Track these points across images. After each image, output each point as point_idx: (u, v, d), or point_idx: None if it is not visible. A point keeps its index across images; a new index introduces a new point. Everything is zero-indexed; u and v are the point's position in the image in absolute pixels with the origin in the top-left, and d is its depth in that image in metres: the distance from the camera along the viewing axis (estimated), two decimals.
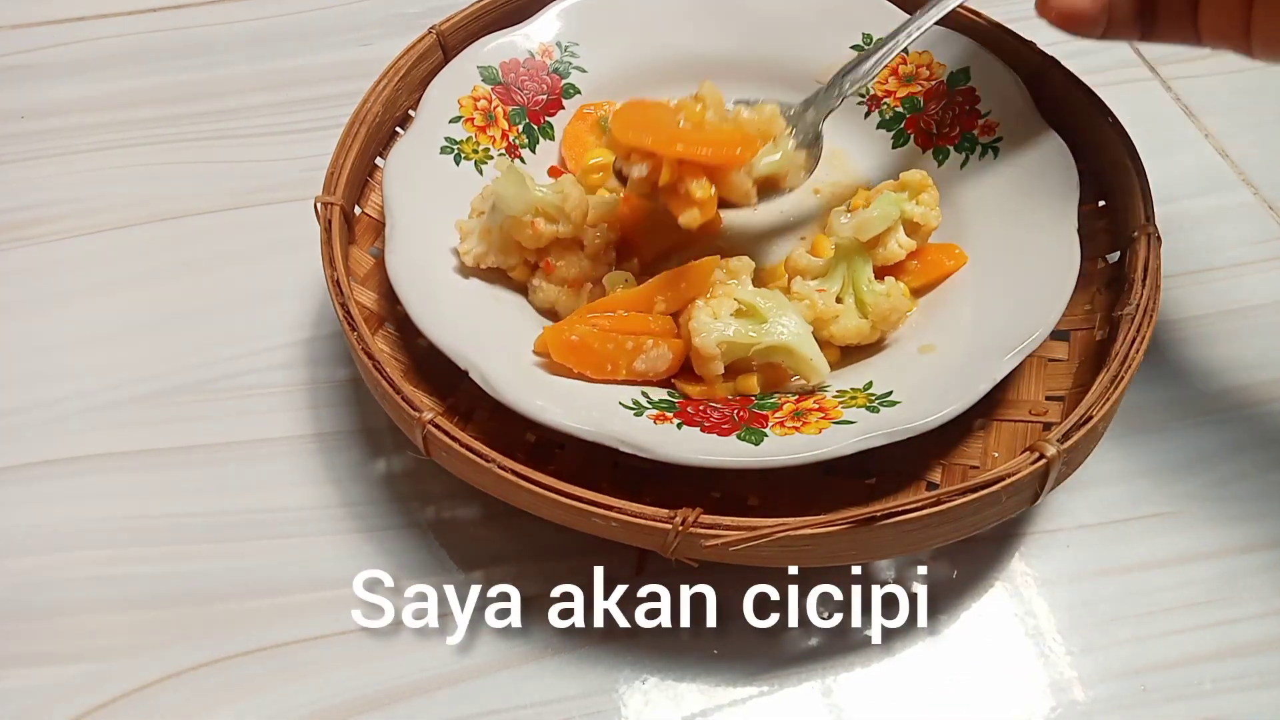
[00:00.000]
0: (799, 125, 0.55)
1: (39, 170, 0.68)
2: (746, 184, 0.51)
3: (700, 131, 0.50)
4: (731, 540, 0.41)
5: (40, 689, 0.46)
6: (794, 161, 0.54)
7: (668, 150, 0.49)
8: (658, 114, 0.51)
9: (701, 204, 0.49)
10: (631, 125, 0.51)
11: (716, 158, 0.49)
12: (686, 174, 0.49)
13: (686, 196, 0.49)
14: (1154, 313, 0.48)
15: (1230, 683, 0.45)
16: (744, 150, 0.50)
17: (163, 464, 0.54)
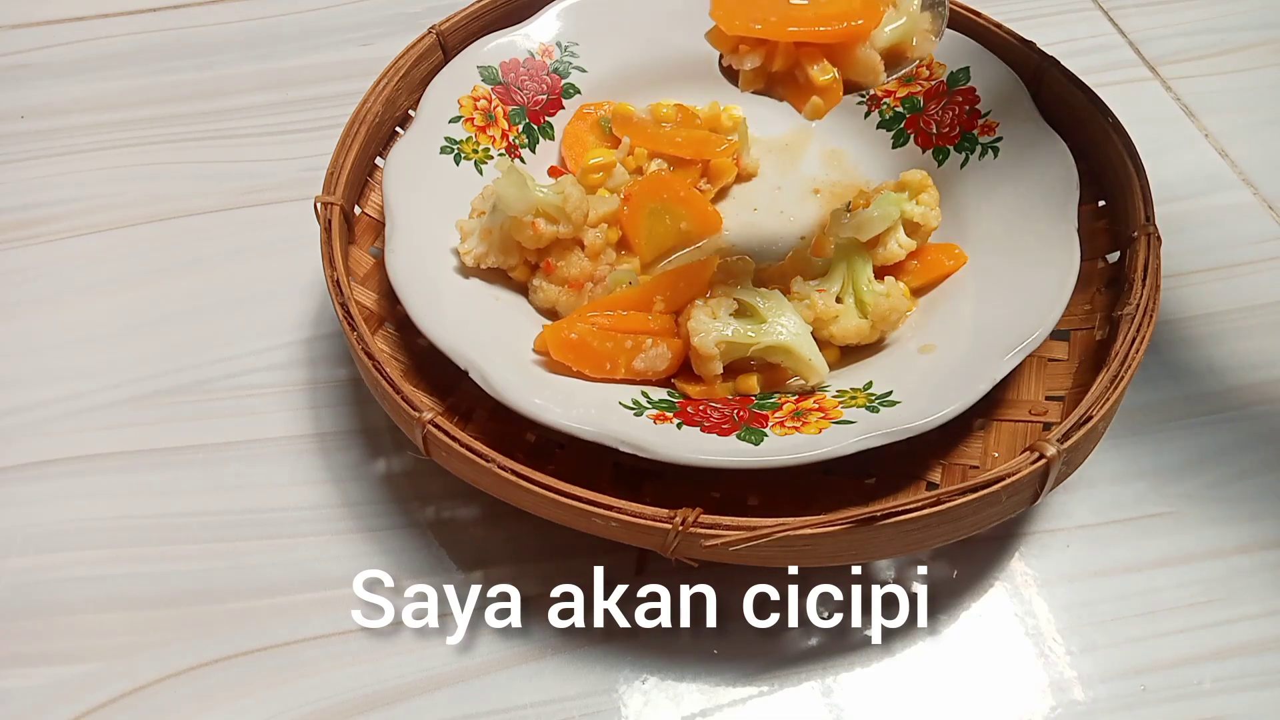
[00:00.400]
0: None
1: (39, 170, 0.68)
2: (872, 59, 0.46)
3: (815, 7, 0.45)
4: (731, 540, 0.41)
5: (40, 689, 0.46)
6: (919, 25, 0.48)
7: (780, 34, 0.44)
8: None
9: (824, 90, 0.45)
10: (736, 11, 0.46)
11: (837, 34, 0.44)
12: (804, 58, 0.45)
13: (806, 84, 0.45)
14: (1154, 313, 0.48)
15: (1230, 683, 0.45)
16: (867, 19, 0.45)
17: (163, 464, 0.54)
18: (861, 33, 0.45)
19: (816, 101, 0.45)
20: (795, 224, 0.60)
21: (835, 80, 0.45)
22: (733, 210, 0.60)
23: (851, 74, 0.46)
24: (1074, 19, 0.78)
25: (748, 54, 0.46)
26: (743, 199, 0.61)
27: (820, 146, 0.63)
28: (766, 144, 0.63)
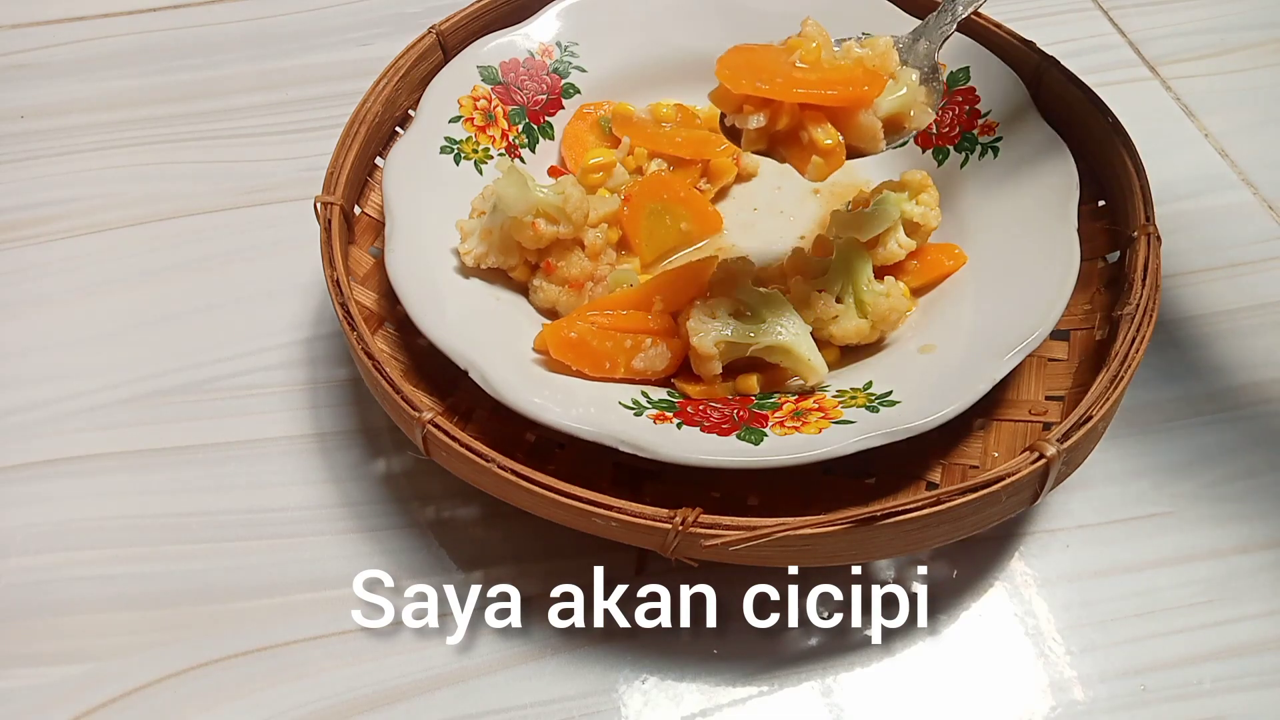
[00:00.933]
0: (911, 58, 0.51)
1: (39, 170, 0.68)
2: (874, 126, 0.46)
3: (819, 71, 0.46)
4: (731, 540, 0.41)
5: (40, 689, 0.46)
6: (917, 97, 0.49)
7: (786, 94, 0.45)
8: (768, 56, 0.47)
9: (828, 152, 0.45)
10: (742, 71, 0.46)
11: (842, 98, 0.45)
12: (809, 120, 0.45)
13: (810, 145, 0.45)
14: (1154, 313, 0.48)
15: (1230, 683, 0.45)
16: (871, 87, 0.46)
17: (163, 464, 0.54)
18: (866, 98, 0.46)
19: (819, 163, 0.45)
20: (795, 224, 0.60)
21: (838, 144, 0.45)
22: (733, 210, 0.60)
23: (853, 139, 0.46)
24: (1074, 19, 0.78)
25: (752, 113, 0.46)
26: (743, 199, 0.61)
27: None
28: None
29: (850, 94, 0.45)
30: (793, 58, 0.46)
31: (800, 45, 0.47)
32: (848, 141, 0.46)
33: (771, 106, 0.45)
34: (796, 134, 0.46)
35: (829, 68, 0.46)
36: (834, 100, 0.45)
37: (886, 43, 0.48)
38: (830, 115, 0.46)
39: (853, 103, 0.46)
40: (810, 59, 0.46)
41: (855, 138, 0.46)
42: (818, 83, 0.45)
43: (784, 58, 0.46)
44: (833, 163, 0.46)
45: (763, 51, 0.47)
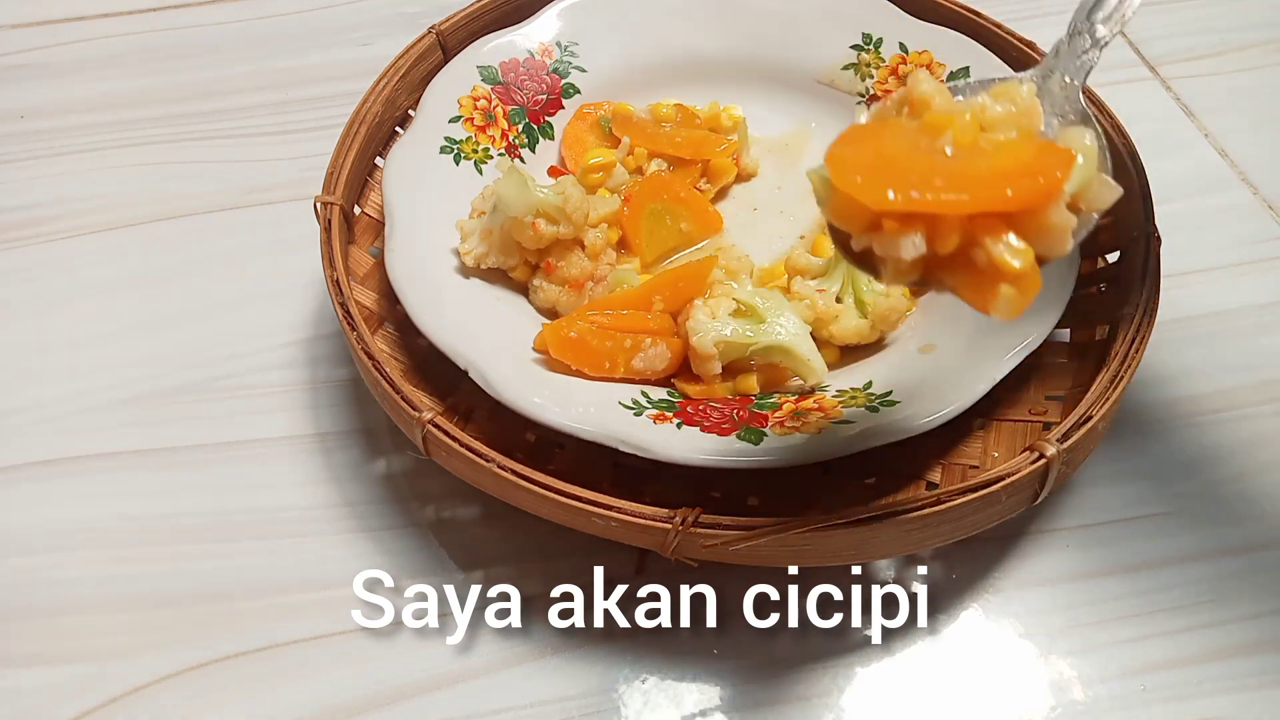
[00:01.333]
0: (1048, 103, 0.41)
1: (39, 170, 0.68)
2: (1066, 223, 0.33)
3: (984, 159, 0.33)
4: (731, 540, 0.41)
5: (40, 689, 0.46)
6: (1094, 165, 0.36)
7: (958, 205, 0.32)
8: (905, 144, 0.34)
9: (1020, 277, 0.32)
10: (879, 173, 0.33)
11: (1029, 195, 0.32)
12: (982, 233, 0.32)
13: (991, 268, 0.32)
14: (1154, 313, 0.48)
15: (1230, 683, 0.45)
16: (1062, 170, 0.33)
17: (163, 464, 0.54)
18: (1056, 188, 0.33)
19: (1011, 295, 0.32)
20: (795, 224, 0.60)
21: (1031, 263, 0.32)
22: (733, 210, 0.60)
23: (1040, 246, 0.33)
24: None
25: (902, 234, 0.32)
26: (743, 199, 0.61)
27: (820, 146, 0.63)
28: (766, 144, 0.63)
29: (1038, 187, 0.32)
30: (941, 142, 0.34)
31: (942, 121, 0.34)
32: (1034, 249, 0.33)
33: (930, 222, 0.32)
34: (967, 254, 0.33)
35: (993, 151, 0.34)
36: (1020, 202, 0.32)
37: (1029, 94, 0.36)
38: (1009, 219, 0.33)
39: (1042, 199, 0.33)
40: (966, 140, 0.34)
41: (1042, 243, 0.33)
42: (992, 179, 0.32)
43: (925, 142, 0.34)
44: (1028, 289, 0.32)
45: (892, 136, 0.35)
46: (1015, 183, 0.32)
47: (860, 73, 0.63)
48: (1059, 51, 0.42)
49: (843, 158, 0.34)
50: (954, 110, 0.35)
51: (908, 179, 0.32)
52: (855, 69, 0.63)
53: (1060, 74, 0.42)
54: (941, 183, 0.32)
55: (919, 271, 0.34)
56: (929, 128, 0.35)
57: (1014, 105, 0.36)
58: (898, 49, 0.62)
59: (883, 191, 0.32)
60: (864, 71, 0.63)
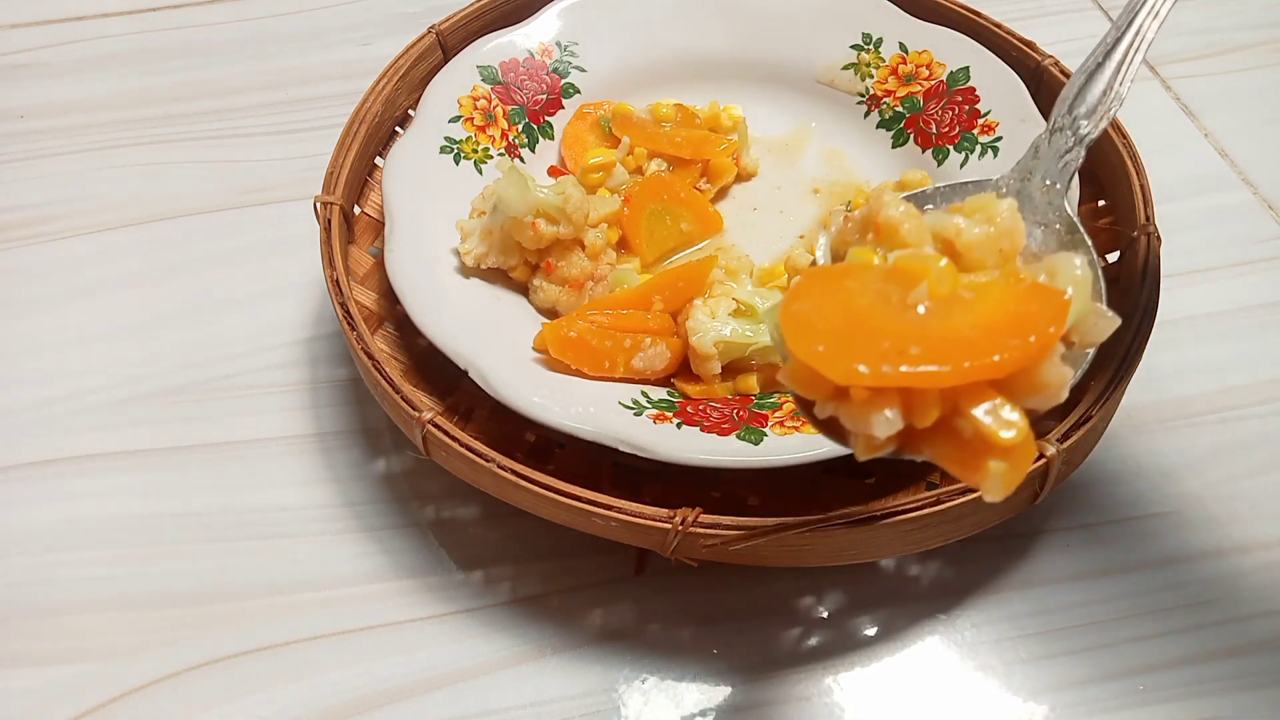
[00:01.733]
0: (1027, 209, 0.36)
1: (39, 170, 0.68)
2: (1060, 377, 0.29)
3: (967, 313, 0.29)
4: (731, 540, 0.41)
5: (40, 689, 0.46)
6: (1087, 295, 0.32)
7: (937, 379, 0.28)
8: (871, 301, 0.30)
9: (1010, 449, 0.28)
10: (842, 342, 0.29)
11: (1020, 357, 0.28)
12: (967, 401, 0.28)
13: (978, 441, 0.28)
14: (1154, 313, 0.48)
15: (1230, 683, 0.45)
16: (1055, 324, 0.29)
17: (163, 464, 0.54)
18: (1049, 343, 0.29)
19: (1000, 471, 0.28)
20: (795, 224, 0.60)
21: (1025, 432, 0.28)
22: (733, 210, 0.60)
23: (1030, 403, 0.29)
24: (1074, 19, 0.78)
25: (876, 409, 0.28)
26: (743, 199, 0.61)
27: (820, 146, 0.63)
28: (766, 143, 0.63)
29: (1029, 348, 0.28)
30: (914, 296, 0.29)
31: (914, 270, 0.30)
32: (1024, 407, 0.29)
33: (906, 392, 0.28)
34: (950, 424, 0.29)
35: (974, 301, 0.30)
36: (1009, 367, 0.28)
37: (1009, 211, 0.33)
38: (997, 383, 0.29)
39: (1034, 358, 0.28)
40: (942, 293, 0.29)
41: (1034, 401, 0.29)
42: (975, 342, 0.28)
43: (895, 294, 0.30)
44: (1021, 462, 0.28)
45: (857, 287, 0.30)
46: (1002, 345, 0.28)
47: (860, 73, 0.63)
48: (1039, 150, 0.38)
49: (801, 318, 0.29)
50: (927, 257, 0.31)
51: (877, 347, 0.28)
52: (855, 69, 0.63)
53: (1041, 176, 0.38)
54: (918, 351, 0.28)
55: (894, 444, 0.30)
56: (899, 276, 0.30)
57: (992, 224, 0.32)
58: (898, 49, 0.62)
59: (850, 365, 0.28)
60: (864, 71, 0.63)
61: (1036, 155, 0.38)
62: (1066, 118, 0.38)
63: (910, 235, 0.32)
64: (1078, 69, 0.39)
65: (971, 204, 0.33)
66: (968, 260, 0.32)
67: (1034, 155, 0.38)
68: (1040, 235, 0.36)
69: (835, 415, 0.30)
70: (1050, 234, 0.36)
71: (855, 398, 0.28)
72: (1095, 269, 0.33)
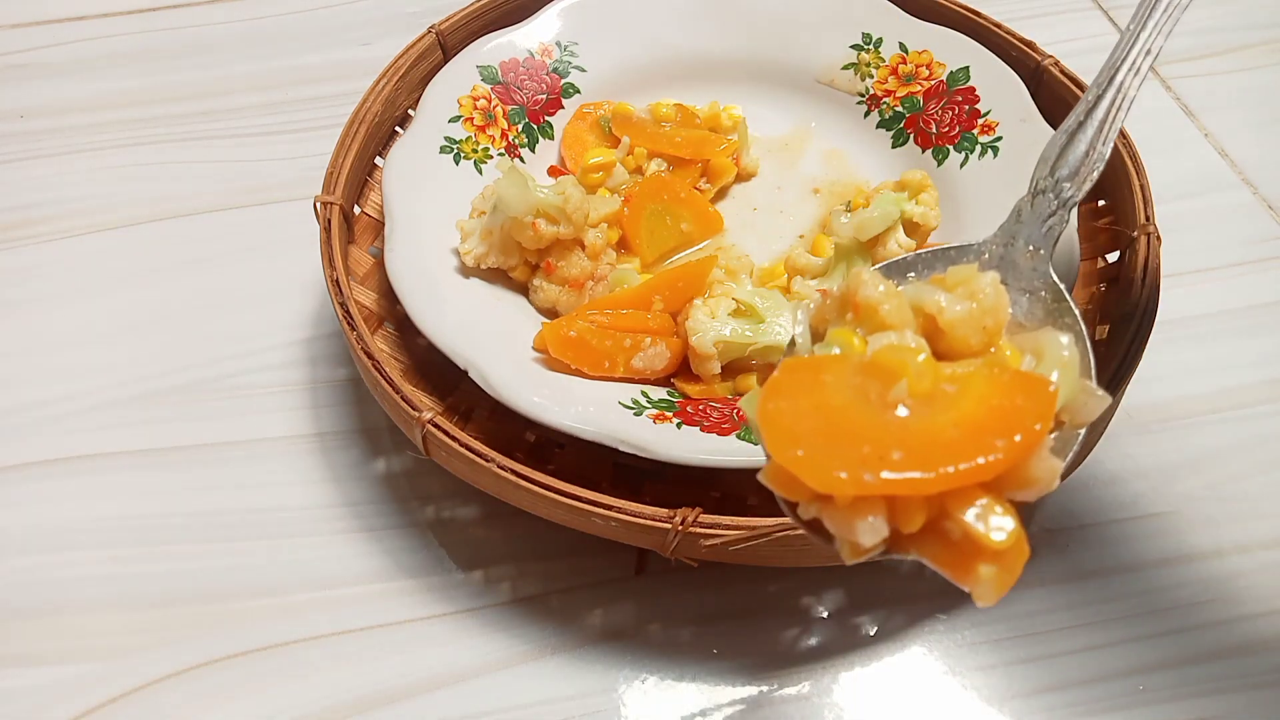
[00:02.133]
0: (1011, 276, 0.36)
1: (39, 170, 0.68)
2: (1051, 470, 0.28)
3: (943, 413, 0.28)
4: (731, 540, 0.41)
5: (40, 689, 0.46)
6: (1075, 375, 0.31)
7: (922, 486, 0.27)
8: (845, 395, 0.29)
9: (1002, 554, 0.27)
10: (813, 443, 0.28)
11: (1010, 458, 0.27)
12: (954, 504, 0.28)
13: (966, 544, 0.28)
14: (1154, 313, 0.48)
15: (1230, 683, 0.45)
16: (1042, 421, 0.28)
17: (163, 464, 0.54)
18: (1037, 440, 0.28)
19: (991, 575, 0.27)
20: (795, 224, 0.60)
21: (1018, 536, 0.27)
22: (733, 210, 0.60)
23: (1019, 495, 0.29)
24: (1074, 19, 0.78)
25: (859, 515, 0.27)
26: (743, 198, 0.61)
27: (820, 146, 0.63)
28: (766, 143, 0.63)
29: (1015, 448, 0.27)
30: (892, 396, 0.29)
31: (894, 367, 0.29)
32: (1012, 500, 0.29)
33: (894, 504, 0.28)
34: (938, 526, 0.28)
35: (957, 397, 0.29)
36: (997, 469, 0.27)
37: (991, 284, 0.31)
38: (989, 487, 0.28)
39: (1021, 457, 0.28)
40: (922, 389, 0.29)
41: (1022, 494, 0.29)
42: (960, 444, 0.27)
43: (875, 391, 0.29)
44: (1013, 564, 0.27)
45: (835, 384, 0.29)
46: (987, 446, 0.27)
47: (860, 72, 0.63)
48: (1021, 214, 0.37)
49: (778, 419, 0.29)
50: (905, 351, 0.30)
51: (858, 452, 0.27)
52: (855, 69, 0.63)
53: (1024, 241, 0.36)
54: (900, 456, 0.27)
55: (882, 548, 0.28)
56: (877, 372, 0.29)
57: (975, 300, 0.31)
58: (898, 49, 0.62)
59: (830, 472, 0.27)
60: (864, 71, 0.63)
61: (1019, 219, 0.37)
62: (1049, 180, 0.37)
63: (890, 316, 0.31)
64: (1059, 129, 0.38)
65: (954, 276, 0.32)
66: (950, 339, 0.31)
67: (1016, 219, 0.37)
68: (1026, 303, 0.35)
69: (819, 517, 0.29)
70: (1036, 301, 0.35)
71: (839, 502, 0.28)
72: (1084, 342, 0.32)
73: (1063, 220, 0.36)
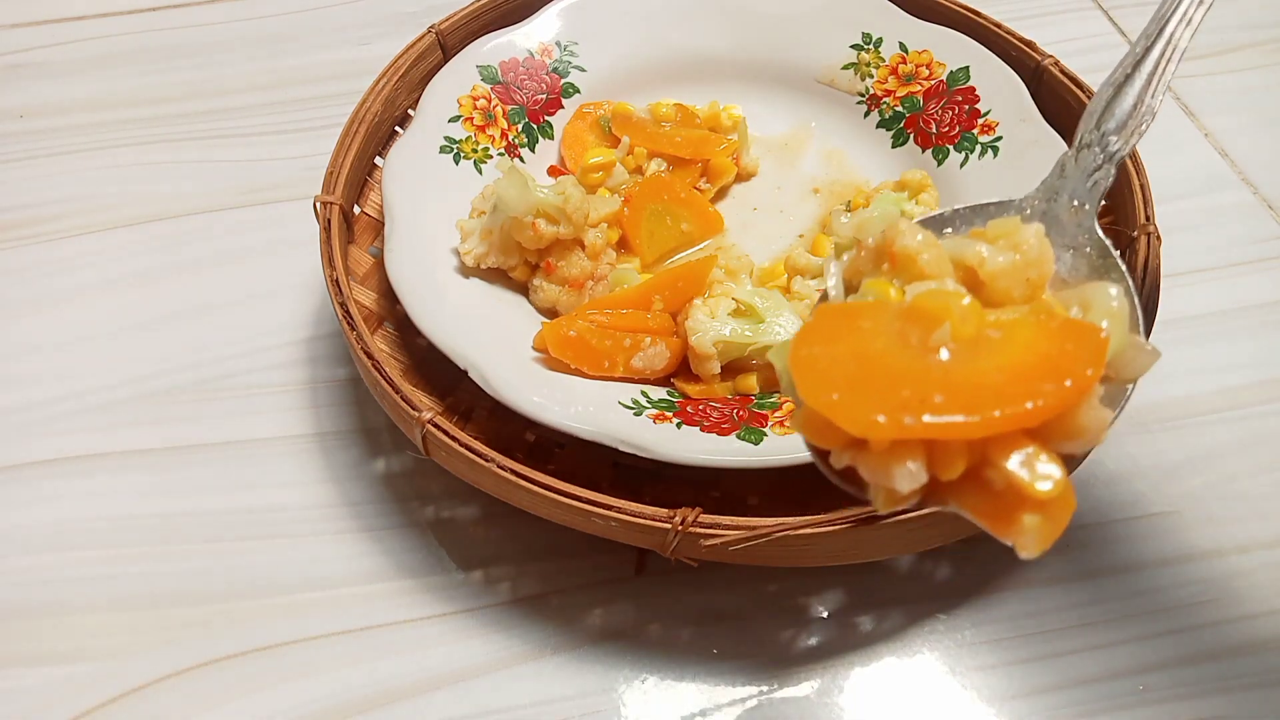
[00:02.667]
0: (1054, 231, 0.34)
1: (39, 170, 0.68)
2: (1099, 420, 0.27)
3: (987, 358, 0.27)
4: (731, 540, 0.41)
5: (40, 689, 0.46)
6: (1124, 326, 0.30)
7: (957, 430, 0.26)
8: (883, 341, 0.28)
9: (1047, 503, 0.26)
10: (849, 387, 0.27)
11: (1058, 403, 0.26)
12: (997, 451, 0.26)
13: (1010, 493, 0.27)
14: (1154, 313, 0.48)
15: (1230, 683, 0.45)
16: (1093, 366, 0.27)
17: (162, 464, 0.54)
18: (1087, 386, 0.27)
19: (1035, 525, 0.26)
20: (795, 224, 0.60)
21: (1064, 485, 0.26)
22: (733, 209, 0.60)
23: (1066, 447, 0.27)
24: (1074, 19, 0.78)
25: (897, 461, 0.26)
26: (743, 198, 0.61)
27: (820, 146, 0.63)
28: (766, 143, 0.63)
29: (1064, 394, 0.26)
30: (934, 340, 0.27)
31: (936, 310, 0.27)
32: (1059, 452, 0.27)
33: (933, 449, 0.27)
34: (979, 475, 0.27)
35: (1002, 342, 0.27)
36: (1044, 414, 0.26)
37: (1036, 235, 0.31)
38: (1034, 434, 0.27)
39: (1070, 404, 0.26)
40: (966, 334, 0.27)
41: (1071, 446, 0.27)
42: (1006, 388, 0.26)
43: (915, 335, 0.27)
44: (1058, 515, 0.26)
45: (872, 328, 0.28)
46: (1035, 390, 0.25)
47: (860, 72, 0.63)
48: (1065, 169, 0.36)
49: (812, 363, 0.27)
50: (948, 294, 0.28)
51: (898, 395, 0.26)
52: (855, 68, 0.63)
53: (1068, 197, 0.35)
54: (942, 399, 0.25)
55: (918, 497, 0.28)
56: (918, 316, 0.28)
57: (1018, 252, 0.30)
58: (898, 48, 0.62)
59: (868, 415, 0.26)
60: (864, 71, 0.63)
61: (1063, 174, 0.36)
62: (1094, 134, 0.36)
63: (929, 266, 0.30)
64: (1104, 81, 0.37)
65: (995, 229, 0.31)
66: (992, 291, 0.30)
67: (1060, 174, 0.36)
68: (1069, 260, 0.34)
69: (853, 465, 0.28)
70: (1080, 258, 0.34)
71: (874, 448, 0.27)
72: (1131, 297, 0.31)
73: (1108, 175, 0.35)
